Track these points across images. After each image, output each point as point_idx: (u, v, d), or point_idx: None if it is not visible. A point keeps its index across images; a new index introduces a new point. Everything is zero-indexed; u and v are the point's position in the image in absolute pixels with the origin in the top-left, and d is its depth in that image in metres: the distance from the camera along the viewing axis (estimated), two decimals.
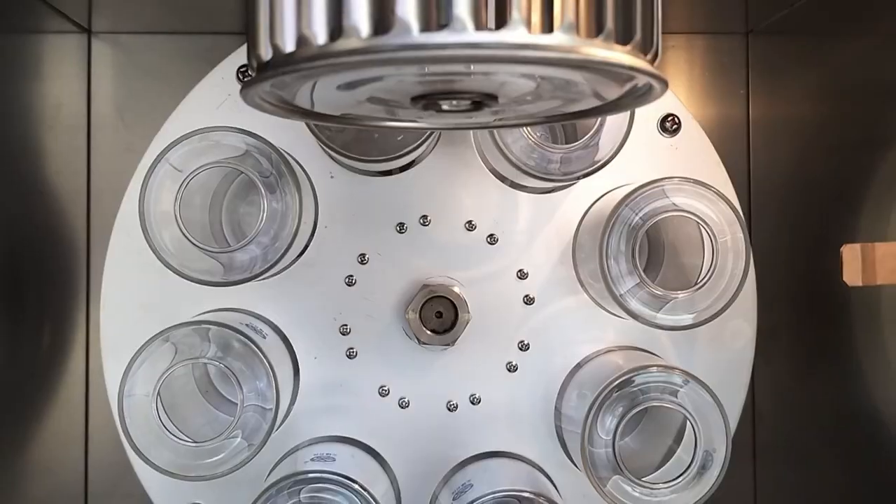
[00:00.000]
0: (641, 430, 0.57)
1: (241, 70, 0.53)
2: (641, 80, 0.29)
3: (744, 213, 0.72)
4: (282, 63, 0.28)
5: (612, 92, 0.33)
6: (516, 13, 0.26)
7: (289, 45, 0.28)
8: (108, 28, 0.72)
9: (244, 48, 0.53)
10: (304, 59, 0.27)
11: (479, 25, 0.25)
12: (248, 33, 0.31)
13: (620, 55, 0.27)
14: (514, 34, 0.26)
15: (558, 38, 0.26)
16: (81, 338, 0.70)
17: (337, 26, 0.26)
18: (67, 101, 0.74)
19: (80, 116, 0.74)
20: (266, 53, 0.28)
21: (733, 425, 0.56)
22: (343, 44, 0.26)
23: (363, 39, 0.26)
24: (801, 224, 0.69)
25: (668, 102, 0.56)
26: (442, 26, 0.26)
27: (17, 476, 0.63)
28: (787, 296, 0.69)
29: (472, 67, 0.30)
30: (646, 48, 0.29)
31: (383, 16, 0.26)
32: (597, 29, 0.27)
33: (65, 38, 0.71)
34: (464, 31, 0.25)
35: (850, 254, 0.39)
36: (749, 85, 0.76)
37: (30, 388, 0.66)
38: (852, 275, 0.39)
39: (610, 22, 0.27)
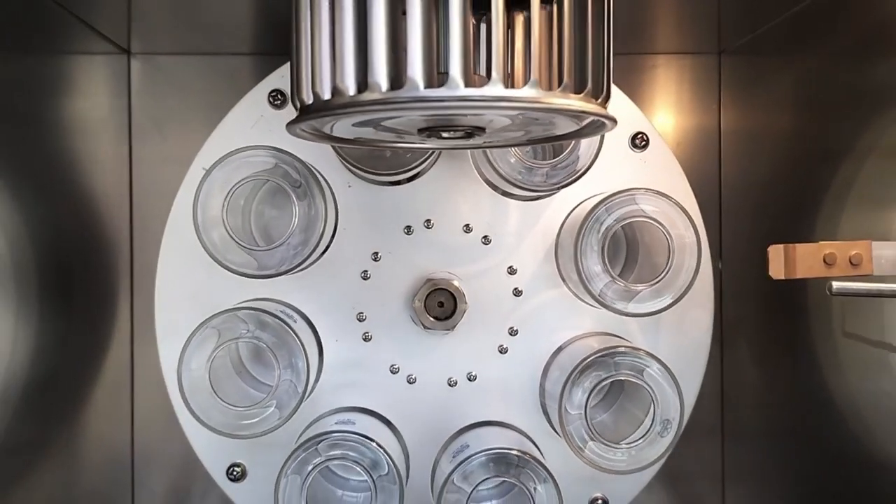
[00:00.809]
0: (618, 407, 0.63)
1: (272, 94, 0.59)
2: (594, 118, 0.38)
3: (714, 216, 0.78)
4: (321, 108, 0.36)
5: (574, 125, 0.41)
6: (495, 73, 0.34)
7: (326, 94, 0.36)
8: (146, 49, 0.77)
9: (273, 75, 0.61)
10: (338, 106, 0.35)
11: (468, 83, 0.34)
12: (292, 80, 0.38)
13: (573, 102, 0.35)
14: (494, 89, 0.34)
15: (526, 91, 0.34)
16: (126, 326, 0.75)
17: (363, 81, 0.35)
18: (110, 115, 0.77)
19: (121, 130, 0.78)
20: (308, 98, 0.37)
21: (692, 401, 0.61)
22: (367, 95, 0.34)
23: (382, 93, 0.34)
24: (765, 225, 0.73)
25: (638, 122, 0.61)
26: (441, 84, 0.34)
27: (72, 444, 0.68)
28: (752, 291, 0.73)
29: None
30: (597, 94, 0.37)
31: (398, 75, 0.34)
32: (557, 83, 0.36)
33: (106, 59, 0.76)
34: (457, 88, 0.33)
35: (775, 252, 0.46)
36: (720, 100, 0.81)
37: (80, 369, 0.70)
38: (776, 270, 0.46)
39: (567, 77, 0.35)
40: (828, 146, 0.62)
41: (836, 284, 0.43)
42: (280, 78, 0.61)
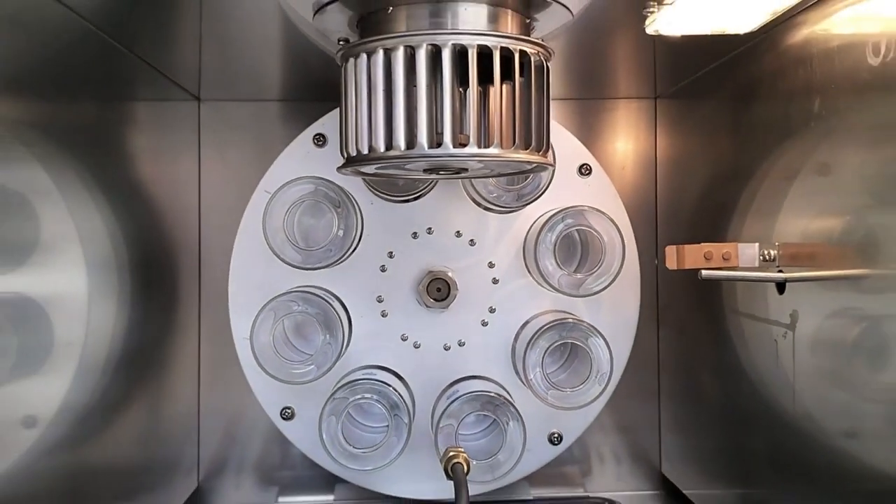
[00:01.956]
0: (571, 368, 0.78)
1: (315, 137, 0.75)
2: (539, 165, 0.57)
3: (652, 223, 0.91)
4: (362, 159, 0.55)
5: (526, 167, 0.60)
6: (472, 139, 0.53)
7: (364, 150, 0.54)
8: (213, 97, 0.89)
9: (316, 123, 0.78)
10: (373, 159, 0.54)
11: (455, 145, 0.53)
12: (342, 139, 0.56)
13: (522, 155, 0.54)
14: (471, 149, 0.52)
15: (492, 150, 0.53)
16: (195, 309, 0.88)
17: (389, 144, 0.53)
18: (185, 148, 0.88)
19: (193, 159, 0.90)
20: (353, 152, 0.55)
21: (624, 360, 0.77)
22: (392, 153, 0.53)
23: (402, 151, 0.52)
24: (691, 230, 0.84)
25: (583, 155, 0.77)
26: (438, 145, 0.53)
27: (152, 400, 0.79)
28: (679, 282, 0.85)
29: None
30: (539, 148, 0.56)
31: (411, 140, 0.53)
32: (512, 143, 0.55)
33: (183, 104, 0.88)
34: (448, 149, 0.52)
35: (670, 251, 0.64)
36: (656, 134, 0.94)
37: (159, 341, 0.80)
38: (671, 263, 0.64)
39: (519, 139, 0.55)
40: (737, 170, 0.73)
41: (704, 272, 0.62)
42: (321, 125, 0.76)
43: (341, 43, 0.59)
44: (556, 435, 0.78)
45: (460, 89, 0.54)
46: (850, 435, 0.55)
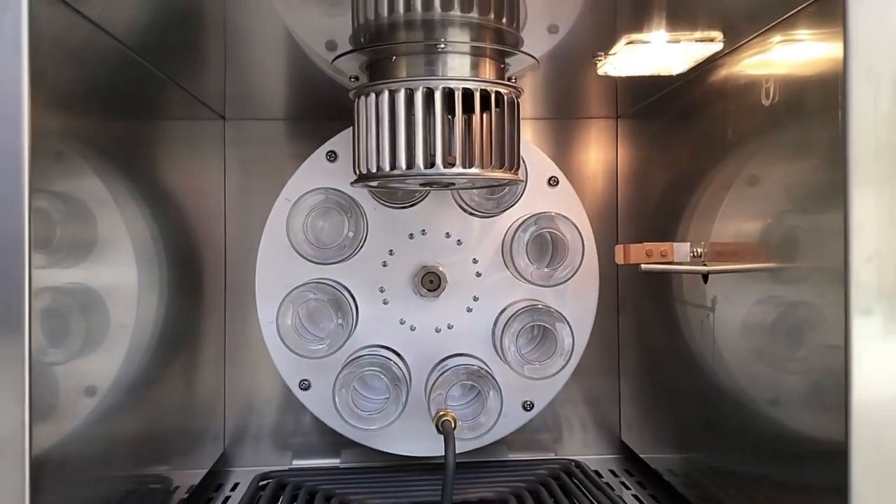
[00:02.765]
0: (542, 347, 0.90)
1: (328, 154, 0.88)
2: (511, 181, 0.72)
3: (613, 226, 1.01)
4: (370, 176, 0.69)
5: (502, 182, 0.75)
6: (458, 161, 0.68)
7: (373, 169, 0.68)
8: (237, 116, 0.99)
9: (328, 142, 0.88)
10: (380, 176, 0.68)
11: (444, 166, 0.67)
12: (354, 159, 0.69)
13: (498, 174, 0.69)
14: (457, 169, 0.67)
15: (474, 170, 0.68)
16: (220, 299, 0.98)
17: (392, 164, 0.67)
18: (212, 161, 0.97)
19: (219, 171, 0.98)
20: (364, 170, 0.69)
21: (585, 340, 0.89)
22: (395, 172, 0.67)
23: (402, 171, 0.67)
24: (647, 231, 0.93)
25: (552, 169, 0.90)
26: (431, 166, 0.67)
27: (185, 375, 0.86)
28: (637, 275, 0.86)
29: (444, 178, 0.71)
30: (511, 167, 0.71)
31: (410, 162, 0.67)
32: (489, 164, 0.69)
33: (210, 123, 0.96)
34: (439, 169, 0.67)
35: (618, 248, 0.76)
36: (617, 149, 1.04)
37: (192, 326, 0.88)
38: (619, 258, 0.77)
39: (495, 161, 0.69)
40: (684, 180, 0.80)
41: (643, 266, 0.76)
42: (333, 144, 0.88)
43: (352, 80, 0.74)
44: (528, 402, 0.92)
45: (448, 116, 0.68)
46: (774, 403, 0.62)
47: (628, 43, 0.67)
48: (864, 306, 0.52)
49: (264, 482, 0.92)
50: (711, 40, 0.66)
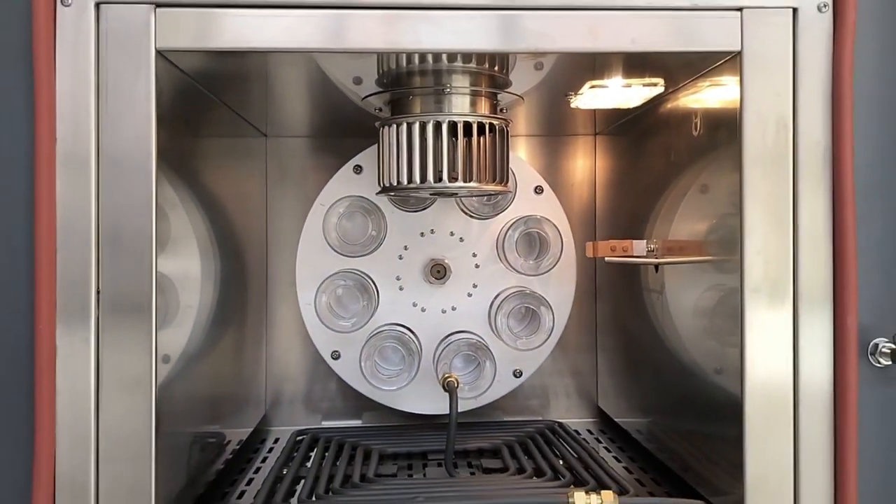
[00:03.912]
0: (531, 326, 1.06)
1: (355, 167, 1.06)
2: (502, 191, 0.92)
3: (592, 226, 1.15)
4: (391, 188, 0.88)
5: (494, 192, 0.94)
6: (460, 176, 0.87)
7: (394, 182, 0.87)
8: (277, 133, 1.13)
9: (355, 158, 1.07)
10: (399, 188, 0.88)
11: (449, 180, 0.87)
12: (379, 174, 0.88)
13: (491, 186, 0.89)
14: (460, 183, 0.86)
15: (472, 183, 0.87)
16: (263, 287, 1.13)
17: (409, 179, 0.86)
18: (255, 173, 1.09)
19: (261, 181, 1.11)
20: (387, 183, 0.89)
21: (564, 320, 1.07)
22: (411, 185, 0.86)
23: (417, 184, 0.86)
24: (619, 231, 1.05)
25: (537, 180, 1.08)
26: (439, 180, 0.86)
27: (235, 351, 0.99)
28: (612, 266, 1.10)
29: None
30: (502, 181, 0.90)
31: (423, 177, 0.86)
32: (485, 179, 0.89)
33: (254, 140, 1.09)
34: (445, 183, 0.86)
35: (588, 245, 0.96)
36: (595, 162, 1.17)
37: (238, 308, 0.99)
38: (588, 253, 0.97)
39: (489, 176, 0.88)
40: (650, 189, 0.92)
41: (607, 258, 0.95)
42: (359, 159, 1.05)
43: (377, 110, 0.94)
44: (517, 370, 1.10)
45: (453, 140, 0.87)
46: (719, 372, 0.74)
47: (591, 87, 0.86)
48: (753, 286, 0.71)
49: (301, 437, 1.07)
50: (654, 85, 0.85)
